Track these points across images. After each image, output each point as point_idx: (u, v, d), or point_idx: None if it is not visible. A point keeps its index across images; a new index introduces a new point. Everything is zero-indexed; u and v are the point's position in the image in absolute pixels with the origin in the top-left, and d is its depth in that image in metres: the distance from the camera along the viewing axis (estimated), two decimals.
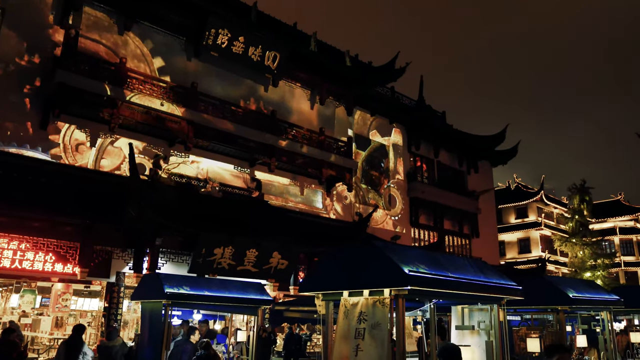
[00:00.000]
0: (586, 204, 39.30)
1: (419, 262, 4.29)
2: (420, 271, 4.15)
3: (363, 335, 4.26)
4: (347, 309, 4.49)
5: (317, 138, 21.69)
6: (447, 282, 4.42)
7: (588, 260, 37.52)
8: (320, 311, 4.89)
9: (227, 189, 18.72)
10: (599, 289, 8.36)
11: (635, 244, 55.49)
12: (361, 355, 4.23)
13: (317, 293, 4.88)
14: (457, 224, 30.29)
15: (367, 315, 4.29)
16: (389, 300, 4.15)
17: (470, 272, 4.83)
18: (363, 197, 24.39)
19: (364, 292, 4.39)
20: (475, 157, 32.64)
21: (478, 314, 5.53)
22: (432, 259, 4.65)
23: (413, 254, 4.62)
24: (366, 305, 4.31)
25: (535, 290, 6.48)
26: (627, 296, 8.54)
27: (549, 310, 7.36)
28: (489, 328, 5.34)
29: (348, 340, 4.40)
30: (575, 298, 6.83)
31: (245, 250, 16.12)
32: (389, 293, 4.15)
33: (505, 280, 5.37)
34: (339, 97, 24.09)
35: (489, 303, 5.29)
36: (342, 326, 4.50)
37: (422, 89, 30.09)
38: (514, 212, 51.15)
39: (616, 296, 8.12)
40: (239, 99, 19.77)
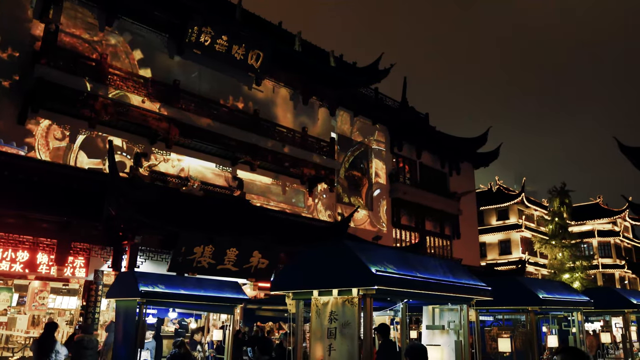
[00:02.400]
0: (566, 207, 39.78)
1: (387, 262, 4.32)
2: (388, 271, 4.18)
3: (335, 335, 4.30)
4: (319, 309, 4.51)
5: (299, 138, 21.70)
6: (415, 282, 4.46)
7: (567, 262, 38.02)
8: (290, 310, 4.91)
9: (209, 187, 18.63)
10: (570, 290, 8.49)
11: (612, 247, 56.37)
12: (334, 354, 4.26)
13: (288, 292, 4.90)
14: (439, 225, 30.49)
15: (337, 314, 4.31)
16: (357, 300, 4.18)
17: (440, 273, 4.88)
18: (345, 198, 24.44)
19: (333, 292, 4.41)
20: (457, 158, 32.90)
21: (448, 313, 5.59)
22: (402, 259, 4.69)
23: (383, 254, 4.65)
24: (336, 304, 4.34)
25: (507, 291, 6.57)
26: (598, 298, 8.70)
27: (520, 310, 7.45)
28: (458, 328, 5.40)
29: (322, 339, 4.43)
30: (545, 299, 6.93)
31: (225, 249, 16.06)
32: (357, 292, 4.18)
33: (474, 281, 5.43)
34: (323, 97, 24.11)
35: (459, 303, 5.35)
36: (315, 326, 4.53)
37: (405, 90, 30.24)
38: (495, 214, 51.64)
39: (587, 297, 8.25)
40: (221, 98, 19.68)
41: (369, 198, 26.07)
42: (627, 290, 10.83)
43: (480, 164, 35.21)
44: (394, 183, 27.63)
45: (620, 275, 54.37)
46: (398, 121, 28.39)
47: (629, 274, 53.16)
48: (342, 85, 24.49)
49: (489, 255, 50.07)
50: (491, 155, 34.86)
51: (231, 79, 20.35)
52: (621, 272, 54.14)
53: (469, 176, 34.60)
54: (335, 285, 4.39)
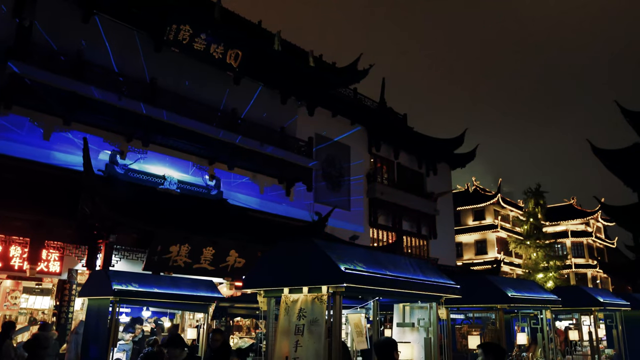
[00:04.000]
0: (540, 208, 40.52)
1: (357, 260, 4.39)
2: (357, 269, 4.25)
3: (302, 332, 4.34)
4: (288, 306, 4.56)
5: (277, 137, 21.70)
6: (385, 280, 4.54)
7: (541, 262, 38.71)
8: (262, 307, 4.95)
9: (185, 186, 18.53)
10: (539, 289, 8.67)
11: (585, 247, 57.50)
12: (300, 350, 4.30)
13: (259, 290, 4.94)
14: (416, 225, 30.76)
15: (306, 311, 4.36)
16: (326, 297, 4.24)
17: (410, 271, 4.96)
18: (322, 197, 24.50)
19: (303, 289, 4.46)
20: (435, 159, 33.23)
21: (418, 311, 5.69)
22: (372, 257, 4.76)
23: (352, 252, 4.72)
24: (305, 302, 4.39)
25: (477, 290, 6.71)
26: (567, 296, 8.91)
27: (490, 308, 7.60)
28: (428, 325, 5.50)
29: (288, 336, 4.47)
30: (513, 297, 7.08)
31: (201, 248, 16.01)
32: (327, 290, 4.24)
33: (444, 279, 5.53)
34: (301, 96, 24.14)
35: (428, 301, 5.44)
36: (283, 323, 4.57)
37: (384, 91, 30.47)
38: (471, 214, 52.28)
39: (555, 296, 8.45)
40: (199, 96, 19.54)
41: (347, 198, 26.17)
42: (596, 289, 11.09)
43: (457, 165, 35.61)
44: (371, 183, 27.79)
45: (593, 275, 55.50)
46: (376, 121, 28.57)
47: (601, 273, 54.26)
48: (321, 85, 24.55)
49: (465, 255, 50.68)
50: (468, 156, 35.29)
51: (209, 78, 20.25)
52: (593, 271, 55.25)
53: (446, 177, 34.98)
54: (305, 283, 4.45)
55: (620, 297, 11.52)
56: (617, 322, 11.55)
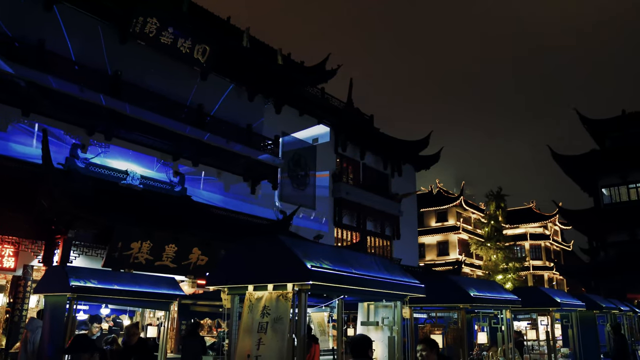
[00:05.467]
0: (501, 210, 41.36)
1: (323, 258, 4.36)
2: (323, 267, 4.22)
3: (266, 329, 4.28)
4: (252, 303, 4.49)
5: (244, 134, 21.51)
6: (350, 278, 4.53)
7: (501, 264, 39.53)
8: (225, 305, 4.87)
9: (149, 181, 18.18)
10: (499, 289, 8.84)
11: (543, 249, 59.08)
12: (263, 348, 4.24)
13: (223, 287, 4.86)
14: (380, 225, 31.00)
15: (270, 309, 4.31)
16: (291, 295, 4.20)
17: (375, 270, 4.97)
18: (288, 196, 24.43)
19: (268, 287, 4.41)
20: (400, 160, 33.56)
21: (383, 310, 5.71)
22: (338, 255, 4.75)
23: (318, 250, 4.70)
24: (270, 299, 4.34)
25: (440, 289, 6.78)
26: (526, 297, 9.12)
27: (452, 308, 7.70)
28: (392, 324, 5.53)
29: (251, 334, 4.39)
30: (475, 297, 7.20)
31: (164, 245, 15.74)
32: (292, 287, 4.20)
33: (408, 279, 5.57)
34: (269, 94, 24.02)
35: (393, 300, 5.47)
36: (246, 320, 4.49)
37: (351, 91, 30.61)
38: (434, 216, 53.03)
39: (515, 296, 8.63)
40: (165, 91, 19.17)
41: (312, 197, 26.17)
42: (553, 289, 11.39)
43: (421, 167, 36.07)
44: (337, 183, 27.87)
45: (549, 277, 57.05)
46: (343, 122, 28.66)
47: (557, 275, 55.86)
48: (289, 83, 24.48)
49: (427, 256, 51.38)
50: (432, 159, 35.79)
51: (176, 73, 19.90)
52: (550, 273, 56.82)
53: (411, 178, 35.39)
54: (270, 280, 4.39)
55: (576, 298, 11.88)
56: (572, 322, 11.90)
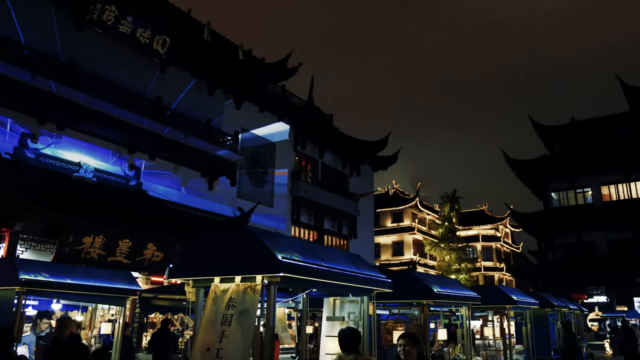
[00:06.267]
0: (455, 212, 42.22)
1: (293, 250, 4.27)
2: (293, 259, 4.13)
3: (230, 322, 4.13)
4: (217, 295, 4.34)
5: (203, 129, 21.13)
6: (320, 271, 4.45)
7: (453, 264, 40.35)
8: (190, 298, 4.70)
9: (103, 175, 17.63)
10: (460, 286, 8.97)
11: (494, 251, 60.69)
12: (225, 341, 4.09)
13: (188, 279, 4.68)
14: (337, 224, 31.10)
15: (236, 301, 4.16)
16: (260, 287, 4.08)
17: (343, 264, 4.92)
18: (246, 193, 24.17)
19: (236, 279, 4.27)
20: (358, 160, 33.75)
21: (349, 305, 5.67)
22: (307, 248, 4.66)
23: (288, 242, 4.60)
24: (237, 291, 4.20)
25: (403, 285, 6.80)
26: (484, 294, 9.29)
27: (414, 304, 7.76)
28: (358, 319, 5.49)
29: (214, 326, 4.22)
30: (439, 293, 7.27)
31: (117, 240, 15.32)
32: (261, 280, 4.09)
33: (376, 273, 5.55)
34: (229, 89, 23.69)
35: (360, 294, 5.43)
36: (210, 312, 4.32)
37: (312, 90, 30.53)
38: (390, 217, 53.64)
39: (475, 293, 8.78)
40: (122, 81, 18.57)
41: (270, 195, 25.99)
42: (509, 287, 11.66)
43: (379, 167, 36.38)
44: (295, 181, 27.78)
45: (499, 277, 58.63)
46: (303, 120, 28.58)
47: (507, 276, 57.47)
48: (250, 79, 24.21)
49: (382, 255, 51.91)
50: (390, 160, 36.16)
51: (134, 63, 19.33)
52: (500, 274, 58.40)
53: (369, 178, 35.65)
54: (239, 272, 4.25)
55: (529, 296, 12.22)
56: (526, 320, 12.23)
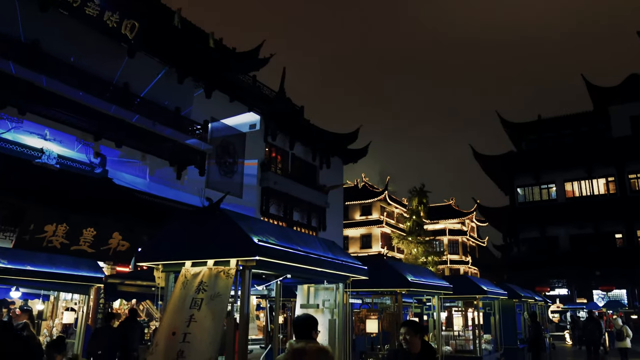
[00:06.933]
0: (423, 206, 42.50)
1: (268, 234, 4.12)
2: (269, 242, 3.98)
3: (200, 306, 3.94)
4: (187, 280, 4.14)
5: (171, 117, 20.69)
6: (297, 255, 4.32)
7: (420, 257, 40.64)
8: (159, 284, 4.50)
9: (66, 162, 17.08)
10: (433, 276, 8.99)
11: (460, 245, 61.65)
12: (194, 326, 3.90)
13: (157, 263, 4.48)
14: (306, 216, 31.04)
15: (207, 285, 3.98)
16: (233, 271, 3.92)
17: (320, 249, 4.80)
18: (215, 183, 23.85)
19: (208, 263, 4.10)
20: (329, 153, 33.72)
21: (323, 292, 5.56)
22: (283, 232, 4.53)
23: (263, 226, 4.46)
24: (209, 275, 4.02)
25: (377, 274, 6.74)
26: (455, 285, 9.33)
27: (386, 293, 7.73)
28: (333, 307, 5.39)
29: (182, 310, 4.02)
30: (413, 282, 7.24)
31: (81, 229, 14.91)
32: (236, 263, 3.93)
33: (352, 260, 5.46)
34: (199, 78, 23.25)
35: (336, 281, 5.33)
36: (178, 296, 4.11)
37: (283, 81, 30.27)
38: (359, 210, 53.85)
39: (447, 283, 8.81)
40: (89, 66, 17.96)
41: (239, 185, 25.72)
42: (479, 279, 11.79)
43: (349, 160, 36.44)
44: (265, 172, 27.56)
45: (465, 270, 59.59)
46: (274, 111, 28.33)
47: (472, 269, 58.46)
48: (220, 68, 23.82)
49: (351, 248, 52.10)
50: (360, 153, 36.26)
51: (101, 47, 18.68)
52: (466, 267, 59.37)
53: (338, 171, 35.67)
54: (212, 256, 4.06)
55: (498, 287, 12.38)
56: (495, 310, 12.39)
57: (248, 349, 5.28)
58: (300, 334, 3.87)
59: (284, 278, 4.91)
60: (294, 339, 3.91)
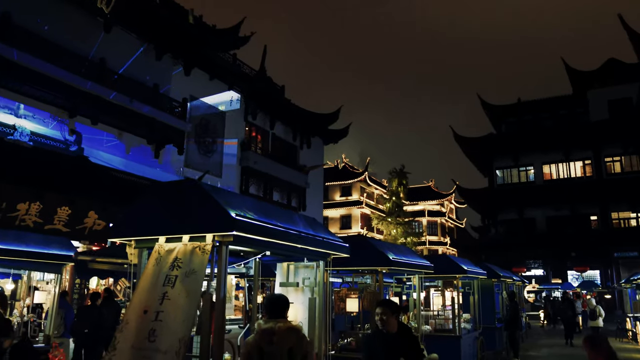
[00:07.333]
0: (403, 187, 42.70)
1: (247, 209, 3.96)
2: (248, 217, 3.82)
3: (174, 283, 3.78)
4: (161, 256, 3.97)
5: (149, 94, 20.23)
6: (277, 231, 4.16)
7: (400, 238, 40.94)
8: (132, 261, 4.33)
9: (40, 139, 16.63)
10: (414, 254, 8.95)
11: (439, 226, 62.19)
12: (167, 304, 3.74)
13: (130, 239, 4.30)
14: (286, 196, 30.89)
15: (182, 261, 3.81)
16: (210, 247, 3.76)
17: (300, 225, 4.67)
18: (194, 162, 23.52)
19: (183, 238, 3.93)
20: (309, 133, 33.50)
21: (303, 270, 5.44)
22: (262, 207, 4.37)
23: (242, 200, 4.29)
24: (184, 251, 3.86)
25: (358, 252, 6.63)
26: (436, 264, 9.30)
27: (367, 272, 7.67)
28: (313, 285, 5.28)
29: (154, 287, 3.84)
30: (394, 260, 7.17)
31: (56, 207, 14.58)
32: (212, 239, 3.77)
33: (334, 237, 5.34)
34: (178, 55, 22.75)
35: (317, 259, 5.21)
36: (151, 273, 3.93)
37: (264, 59, 29.85)
38: (339, 190, 53.87)
39: (428, 262, 8.77)
40: (63, 40, 17.40)
41: (219, 164, 25.42)
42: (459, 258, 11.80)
43: (330, 140, 36.27)
44: (245, 151, 27.27)
45: (443, 251, 60.15)
46: (254, 89, 27.96)
47: (451, 250, 59.09)
48: (200, 45, 23.34)
49: (330, 229, 52.15)
50: (341, 133, 36.10)
51: (77, 21, 18.11)
52: (444, 248, 59.97)
53: (319, 151, 35.50)
54: (187, 231, 3.88)
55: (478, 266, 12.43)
56: (474, 290, 12.46)
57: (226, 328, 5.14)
58: (272, 314, 3.77)
59: (263, 255, 4.77)
60: (262, 319, 3.81)
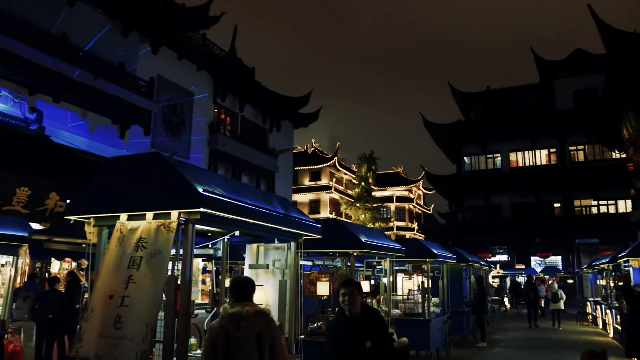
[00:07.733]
0: (372, 173, 42.82)
1: (215, 185, 3.73)
2: (216, 193, 3.59)
3: (139, 265, 3.54)
4: (124, 235, 3.73)
5: (115, 73, 19.59)
6: (247, 209, 3.95)
7: (368, 223, 41.12)
8: (91, 240, 4.06)
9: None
10: (386, 238, 8.88)
11: (407, 212, 62.75)
12: (133, 288, 3.51)
13: (89, 217, 4.03)
14: (255, 180, 30.58)
15: (147, 242, 3.57)
16: (175, 225, 3.53)
17: (271, 205, 4.47)
18: (161, 143, 22.97)
19: (147, 216, 3.68)
20: (280, 116, 33.16)
21: (274, 252, 5.25)
22: (231, 184, 4.16)
23: (210, 176, 4.06)
24: (148, 230, 3.62)
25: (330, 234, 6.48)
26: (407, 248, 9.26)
27: (338, 255, 7.54)
28: (284, 267, 5.11)
29: (119, 270, 3.60)
30: (367, 243, 7.05)
31: (14, 188, 14.02)
32: (178, 216, 3.54)
33: (306, 217, 5.17)
34: (145, 33, 22.07)
35: (288, 240, 5.03)
36: (114, 255, 3.69)
37: (234, 40, 29.30)
38: (309, 175, 53.72)
39: (400, 246, 8.71)
40: (24, 15, 16.66)
41: (187, 146, 24.92)
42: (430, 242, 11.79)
43: (300, 125, 35.99)
44: (214, 134, 26.81)
45: (411, 237, 60.84)
46: (224, 71, 27.42)
47: (418, 236, 59.77)
48: (168, 24, 22.67)
49: None
50: (311, 117, 35.85)
51: None
52: (412, 234, 60.58)
53: (289, 135, 35.21)
54: (151, 208, 3.63)
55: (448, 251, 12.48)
56: (443, 274, 12.52)
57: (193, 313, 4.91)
58: (238, 297, 3.56)
59: (232, 236, 4.56)
60: (228, 303, 3.60)
